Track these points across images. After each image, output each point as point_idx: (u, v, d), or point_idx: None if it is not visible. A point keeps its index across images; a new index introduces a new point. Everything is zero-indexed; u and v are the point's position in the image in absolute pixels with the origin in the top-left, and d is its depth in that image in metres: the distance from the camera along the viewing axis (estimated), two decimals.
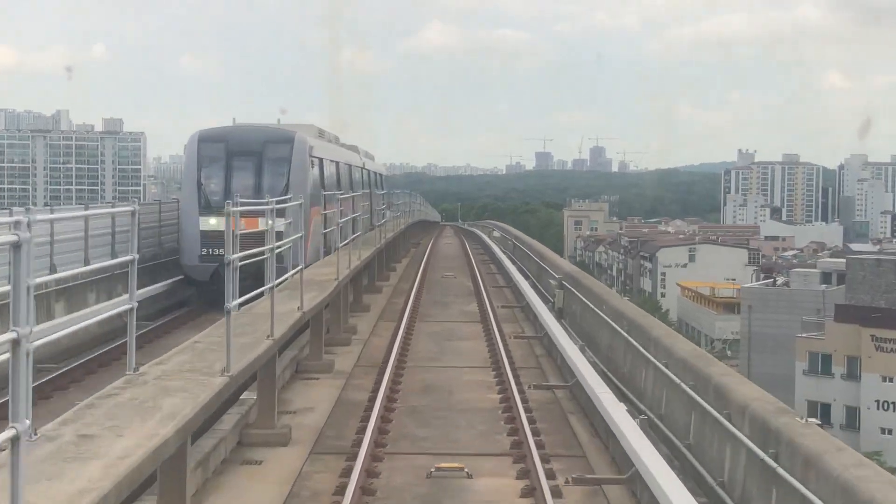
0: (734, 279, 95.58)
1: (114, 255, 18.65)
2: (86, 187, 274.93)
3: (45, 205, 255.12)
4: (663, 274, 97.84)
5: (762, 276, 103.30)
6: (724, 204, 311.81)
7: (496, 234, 51.20)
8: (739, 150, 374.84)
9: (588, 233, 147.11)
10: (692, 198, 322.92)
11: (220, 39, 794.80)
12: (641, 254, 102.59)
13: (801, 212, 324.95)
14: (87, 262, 18.02)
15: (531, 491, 8.88)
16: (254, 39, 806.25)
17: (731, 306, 77.96)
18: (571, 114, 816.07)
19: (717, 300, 78.55)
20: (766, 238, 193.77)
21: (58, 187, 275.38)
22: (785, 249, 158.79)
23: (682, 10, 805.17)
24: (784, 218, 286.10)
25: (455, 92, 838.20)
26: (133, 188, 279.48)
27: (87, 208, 24.12)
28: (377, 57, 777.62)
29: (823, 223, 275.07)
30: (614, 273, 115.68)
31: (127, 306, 7.39)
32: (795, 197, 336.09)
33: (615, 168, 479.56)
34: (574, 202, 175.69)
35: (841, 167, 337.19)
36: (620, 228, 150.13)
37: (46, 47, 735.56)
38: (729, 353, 75.54)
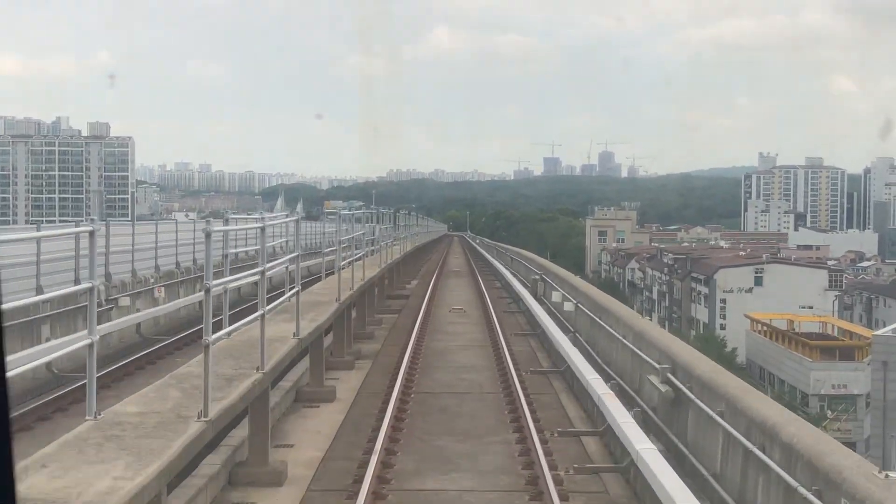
0: (811, 307, 77.36)
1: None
2: (70, 196, 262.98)
3: (27, 214, 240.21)
4: (723, 300, 79.03)
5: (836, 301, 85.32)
6: (745, 210, 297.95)
7: (554, 296, 22.20)
8: (760, 154, 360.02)
9: (615, 244, 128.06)
10: (708, 203, 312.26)
11: (228, 46, 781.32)
12: (693, 275, 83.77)
13: (826, 218, 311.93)
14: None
15: None
16: (262, 45, 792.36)
17: (829, 350, 59.57)
18: (580, 118, 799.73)
19: (811, 343, 59.98)
20: (799, 247, 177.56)
21: (40, 196, 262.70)
22: (819, 259, 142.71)
23: (688, 15, 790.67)
24: (808, 224, 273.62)
25: (462, 97, 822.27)
26: (120, 196, 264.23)
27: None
28: (383, 62, 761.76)
29: (857, 230, 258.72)
30: (654, 296, 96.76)
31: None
32: (820, 202, 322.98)
33: (625, 173, 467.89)
34: (598, 210, 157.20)
35: (867, 171, 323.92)
36: (650, 241, 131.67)
37: (49, 55, 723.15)
38: (829, 413, 57.20)
